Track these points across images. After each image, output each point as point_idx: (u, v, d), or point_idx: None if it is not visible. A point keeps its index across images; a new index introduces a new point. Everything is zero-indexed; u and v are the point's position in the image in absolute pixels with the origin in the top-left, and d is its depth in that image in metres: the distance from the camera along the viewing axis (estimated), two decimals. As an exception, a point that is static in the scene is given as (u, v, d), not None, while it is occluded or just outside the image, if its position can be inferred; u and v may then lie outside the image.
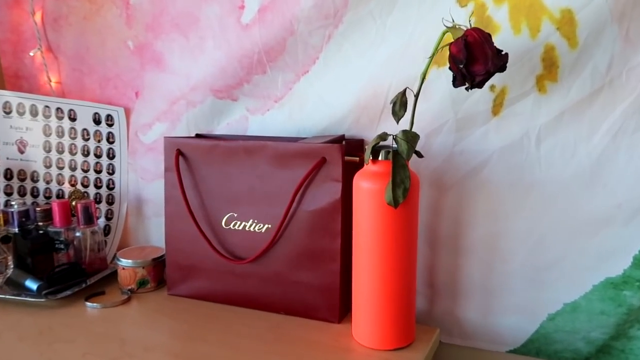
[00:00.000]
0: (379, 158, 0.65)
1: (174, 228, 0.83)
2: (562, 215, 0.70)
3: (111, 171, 1.00)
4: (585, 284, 0.70)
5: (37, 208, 0.93)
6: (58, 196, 1.02)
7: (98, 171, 1.00)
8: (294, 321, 0.75)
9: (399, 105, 0.65)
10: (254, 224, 0.77)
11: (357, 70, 0.77)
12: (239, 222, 0.78)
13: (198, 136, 0.89)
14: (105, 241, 0.97)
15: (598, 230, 0.68)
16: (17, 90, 1.02)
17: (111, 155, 0.99)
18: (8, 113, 1.00)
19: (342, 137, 0.78)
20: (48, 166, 1.02)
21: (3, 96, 0.99)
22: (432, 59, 0.62)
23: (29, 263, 0.87)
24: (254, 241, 0.77)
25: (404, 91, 0.65)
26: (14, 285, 0.84)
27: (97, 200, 1.00)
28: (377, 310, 0.66)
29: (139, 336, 0.72)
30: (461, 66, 0.58)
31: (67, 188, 1.02)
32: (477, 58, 0.58)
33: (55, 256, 0.90)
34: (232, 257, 0.78)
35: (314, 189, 0.73)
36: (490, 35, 0.59)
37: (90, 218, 0.90)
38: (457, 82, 0.61)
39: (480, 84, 0.60)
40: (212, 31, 0.86)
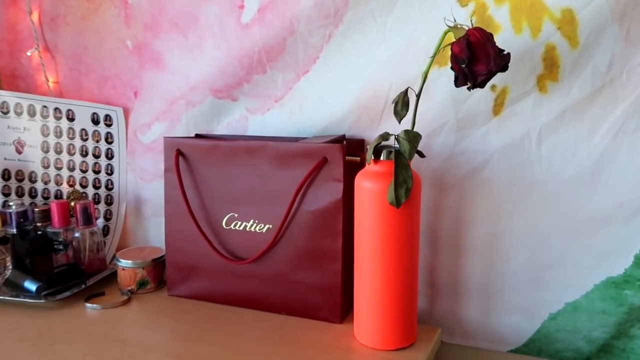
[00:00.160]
0: (381, 158, 0.64)
1: (174, 228, 0.83)
2: (563, 214, 0.70)
3: (110, 171, 0.99)
4: (586, 283, 0.70)
5: (36, 209, 0.92)
6: (56, 197, 1.01)
7: (97, 171, 1.00)
8: (295, 321, 0.75)
9: (401, 105, 0.65)
10: (255, 224, 0.77)
11: (358, 69, 0.77)
12: (240, 223, 0.78)
13: (198, 136, 0.88)
14: (104, 242, 0.97)
15: (599, 229, 0.68)
16: (15, 90, 1.01)
17: (110, 155, 0.99)
18: (5, 113, 0.99)
19: (343, 137, 0.78)
20: (46, 166, 1.01)
21: (0, 96, 0.99)
22: (434, 59, 0.62)
23: (28, 264, 0.87)
24: (255, 241, 0.76)
25: (406, 91, 0.65)
26: (13, 286, 0.83)
27: (96, 200, 1.00)
28: (379, 310, 0.66)
29: (140, 337, 0.72)
30: (463, 66, 0.58)
31: (66, 188, 1.01)
32: (480, 58, 0.58)
33: (54, 257, 0.90)
34: (233, 258, 0.78)
35: (315, 189, 0.73)
36: (492, 34, 0.59)
37: (89, 218, 0.90)
38: (459, 82, 0.61)
39: (482, 84, 0.60)
40: (212, 31, 0.86)
